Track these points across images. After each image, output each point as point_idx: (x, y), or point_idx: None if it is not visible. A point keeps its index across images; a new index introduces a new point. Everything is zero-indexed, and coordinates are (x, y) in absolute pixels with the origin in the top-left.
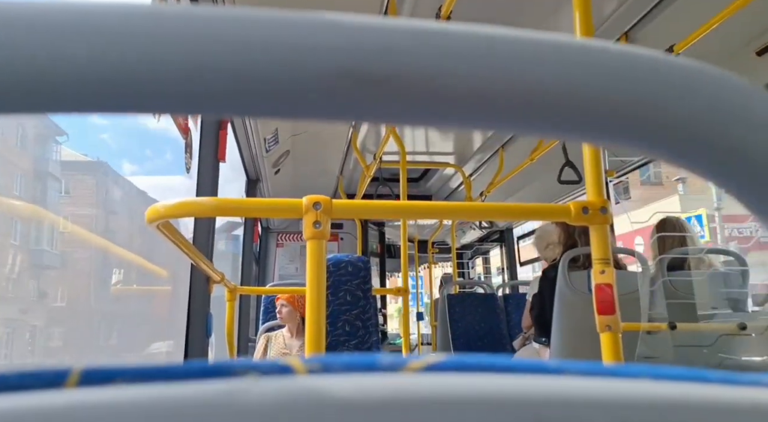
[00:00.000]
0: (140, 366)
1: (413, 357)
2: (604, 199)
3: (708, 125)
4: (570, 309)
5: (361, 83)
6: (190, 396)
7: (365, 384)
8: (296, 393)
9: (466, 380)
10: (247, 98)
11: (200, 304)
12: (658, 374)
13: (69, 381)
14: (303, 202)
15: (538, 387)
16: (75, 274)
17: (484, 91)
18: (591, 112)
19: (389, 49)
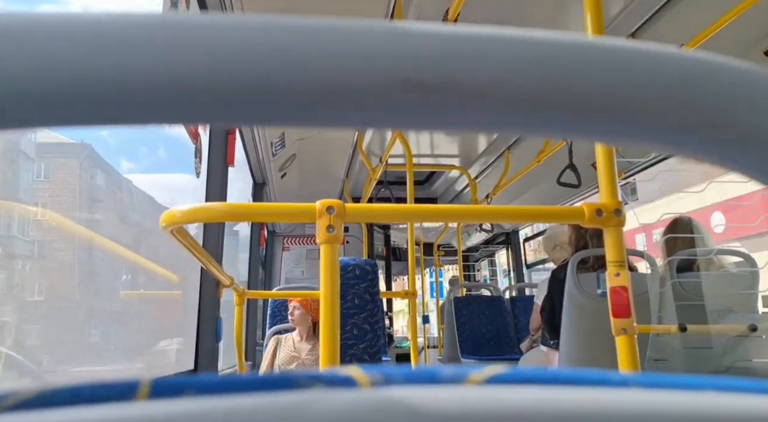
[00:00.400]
0: (207, 377)
1: (472, 368)
2: (618, 201)
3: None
4: (579, 311)
5: (417, 91)
6: (260, 407)
7: (433, 397)
8: (366, 405)
9: (530, 392)
10: (304, 108)
11: (210, 308)
12: (723, 385)
13: (140, 393)
14: (316, 206)
15: (603, 399)
16: (55, 265)
17: (540, 96)
18: (640, 113)
19: (445, 56)
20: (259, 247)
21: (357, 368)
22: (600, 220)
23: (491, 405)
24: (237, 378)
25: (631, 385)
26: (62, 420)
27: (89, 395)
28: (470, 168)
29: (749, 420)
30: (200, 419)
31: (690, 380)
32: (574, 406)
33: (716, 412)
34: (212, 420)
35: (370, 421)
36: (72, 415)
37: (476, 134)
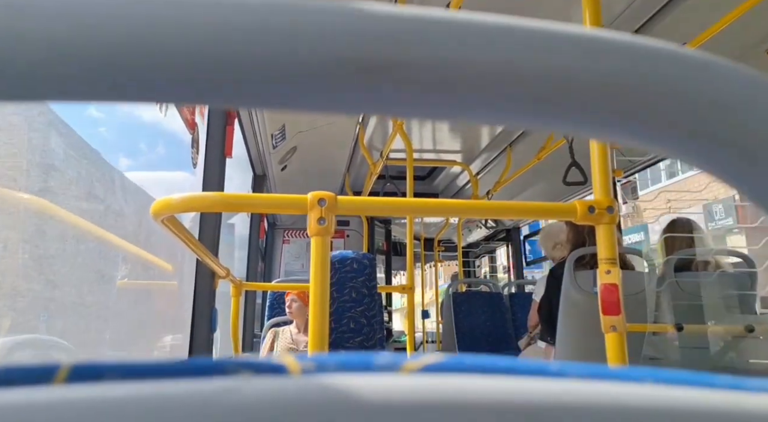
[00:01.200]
0: (131, 363)
1: (411, 356)
2: (611, 198)
3: (722, 121)
4: (575, 309)
5: (362, 71)
6: (180, 394)
7: (359, 385)
8: (288, 393)
9: (463, 382)
10: (243, 88)
11: (205, 299)
12: (663, 378)
13: (58, 377)
14: (308, 198)
15: (538, 390)
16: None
17: (492, 81)
18: (602, 103)
19: (393, 35)
20: (258, 239)
21: (290, 356)
22: (592, 217)
23: (421, 395)
24: (163, 363)
25: (567, 376)
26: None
27: (6, 378)
28: (472, 164)
29: (689, 413)
30: (113, 404)
31: (632, 372)
32: (504, 395)
33: (650, 404)
34: (125, 406)
35: (292, 408)
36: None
37: (478, 130)
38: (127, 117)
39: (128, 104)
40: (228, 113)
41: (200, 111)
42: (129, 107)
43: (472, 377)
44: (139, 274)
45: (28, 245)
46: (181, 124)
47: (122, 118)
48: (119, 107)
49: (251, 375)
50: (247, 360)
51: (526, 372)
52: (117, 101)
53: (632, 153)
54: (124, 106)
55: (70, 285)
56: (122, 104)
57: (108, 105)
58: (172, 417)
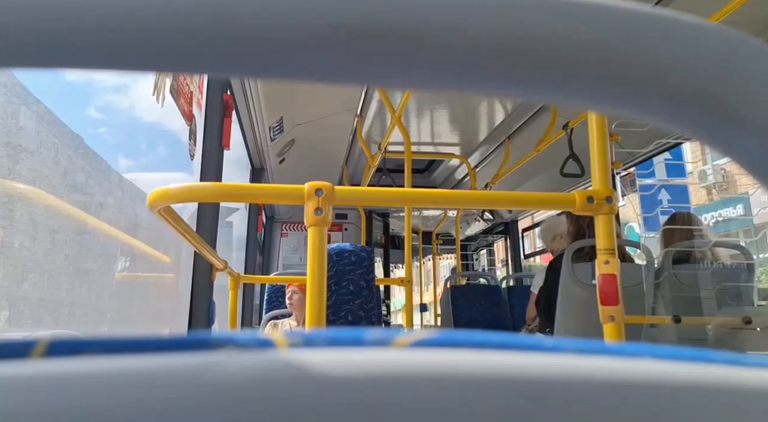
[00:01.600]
0: (112, 338)
1: (401, 332)
2: (610, 188)
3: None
4: (574, 301)
5: (354, 37)
6: (161, 368)
7: (347, 358)
8: (273, 366)
9: (456, 356)
10: (229, 54)
11: (203, 292)
12: (660, 353)
13: (35, 352)
14: (305, 188)
15: (533, 365)
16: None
17: (488, 48)
18: (594, 70)
19: (378, 2)
20: (257, 232)
21: (278, 332)
22: (591, 207)
23: (414, 368)
24: (145, 338)
25: (564, 351)
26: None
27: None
28: (470, 157)
29: (681, 387)
30: (93, 378)
31: (628, 348)
32: (497, 370)
33: (647, 378)
34: (103, 380)
35: (277, 382)
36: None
37: (476, 120)
38: (126, 117)
39: (116, 73)
40: (225, 104)
41: (198, 102)
42: (128, 107)
43: (464, 352)
44: (127, 267)
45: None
46: (179, 124)
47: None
48: (119, 108)
49: (237, 350)
50: (234, 335)
51: (521, 346)
52: (103, 69)
53: (631, 145)
54: (123, 104)
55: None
56: (108, 72)
57: (92, 73)
58: (153, 391)
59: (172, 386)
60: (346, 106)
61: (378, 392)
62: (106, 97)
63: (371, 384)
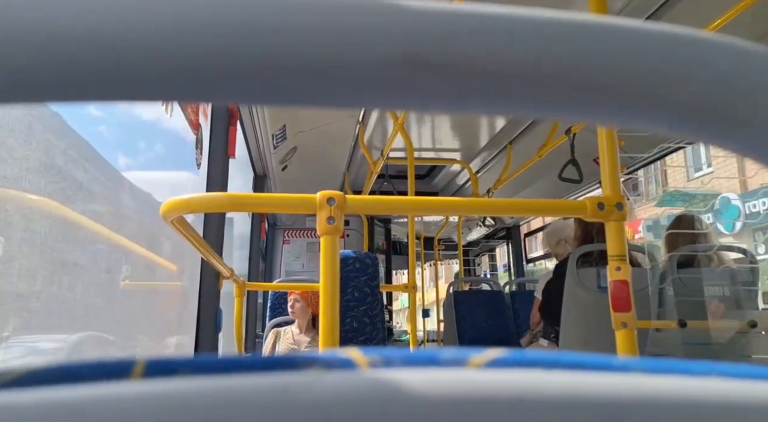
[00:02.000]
0: (203, 358)
1: (472, 350)
2: (620, 195)
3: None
4: (579, 306)
5: (417, 69)
6: (256, 388)
7: (431, 379)
8: (364, 387)
9: (532, 376)
10: (303, 86)
11: (210, 299)
12: (726, 371)
13: (134, 373)
14: (317, 197)
15: (607, 384)
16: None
17: (549, 77)
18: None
19: (446, 32)
20: (260, 239)
21: (355, 350)
22: (602, 214)
23: (493, 389)
24: (233, 358)
25: (634, 370)
26: (53, 397)
27: (81, 373)
28: (471, 162)
29: (756, 405)
30: (196, 398)
31: (692, 365)
32: (576, 390)
33: (722, 397)
34: (208, 399)
35: (369, 402)
36: (63, 393)
37: (478, 126)
38: (126, 116)
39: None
40: (231, 113)
41: (204, 112)
42: (127, 106)
43: (538, 371)
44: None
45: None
46: (179, 123)
47: (121, 116)
48: (117, 106)
49: (322, 370)
50: (313, 355)
51: (592, 366)
52: (152, 100)
53: (634, 150)
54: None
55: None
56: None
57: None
58: (253, 411)
59: (268, 406)
60: (348, 113)
61: (461, 412)
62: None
63: (455, 405)
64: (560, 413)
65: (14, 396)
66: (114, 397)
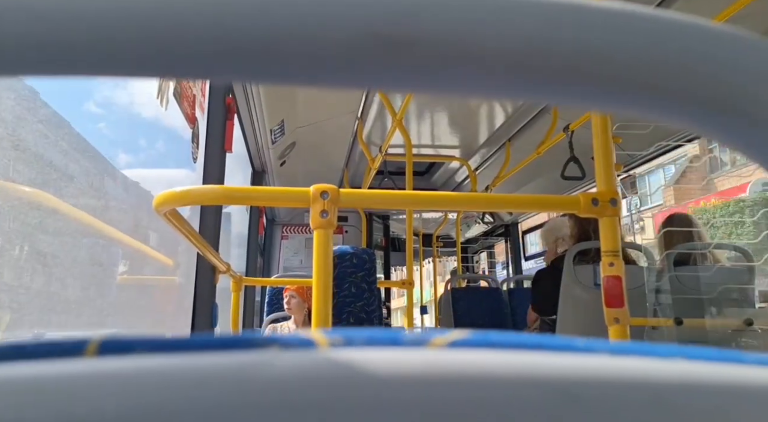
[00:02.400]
0: (160, 337)
1: (436, 332)
2: (614, 190)
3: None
4: (575, 303)
5: (385, 47)
6: (212, 366)
7: (391, 358)
8: (319, 365)
9: (493, 356)
10: (263, 61)
11: (206, 294)
12: (691, 354)
13: (88, 350)
14: (310, 191)
15: (568, 365)
16: None
17: (515, 56)
18: (617, 76)
19: (416, 10)
20: (258, 235)
21: (318, 331)
22: (596, 209)
23: (451, 368)
24: (191, 338)
25: (597, 351)
26: (1, 373)
27: (33, 351)
28: (470, 159)
29: (718, 386)
30: (149, 376)
31: (659, 348)
32: (535, 370)
33: (684, 378)
34: (157, 378)
35: (326, 381)
36: (13, 370)
37: (477, 123)
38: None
39: (146, 79)
40: (228, 107)
41: (200, 105)
42: (127, 102)
43: (500, 352)
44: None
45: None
46: (176, 119)
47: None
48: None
49: (281, 350)
50: (275, 336)
51: (554, 347)
52: (144, 76)
53: (632, 147)
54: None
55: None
56: (147, 79)
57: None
58: (208, 389)
59: (223, 384)
60: (347, 109)
61: (419, 391)
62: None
63: (412, 384)
64: (518, 391)
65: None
66: (65, 374)
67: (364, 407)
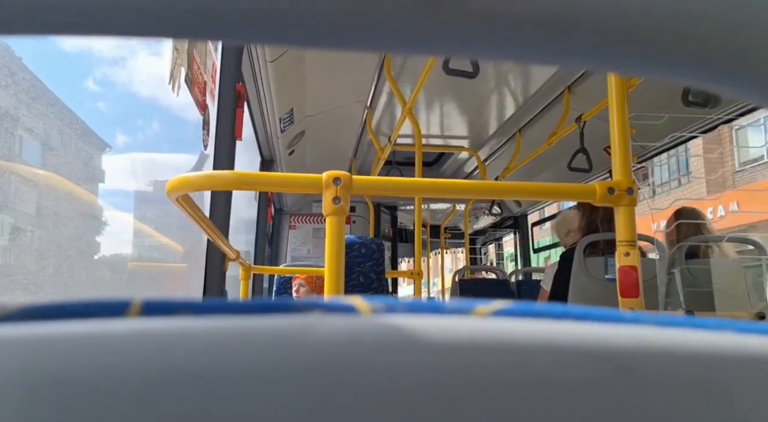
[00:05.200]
0: (202, 300)
1: (479, 302)
2: (631, 179)
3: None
4: (585, 295)
5: (436, 9)
6: (255, 328)
7: (436, 325)
8: (362, 331)
9: (541, 325)
10: (310, 24)
11: (216, 281)
12: (740, 327)
13: (131, 311)
14: (323, 177)
15: (618, 334)
16: None
17: (564, 18)
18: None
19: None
20: (266, 224)
21: (358, 297)
22: (612, 198)
23: (499, 336)
24: (234, 302)
25: (645, 323)
26: (46, 332)
27: (76, 311)
28: (480, 150)
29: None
30: (194, 336)
31: (706, 321)
32: (583, 339)
33: (731, 349)
34: (206, 338)
35: (371, 345)
36: (56, 328)
37: (487, 113)
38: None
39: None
40: (238, 95)
41: (211, 92)
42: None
43: (546, 321)
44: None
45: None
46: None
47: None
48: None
49: (323, 314)
50: (317, 301)
51: (602, 318)
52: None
53: (645, 139)
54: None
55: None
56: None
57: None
58: (251, 351)
59: (268, 345)
60: (356, 98)
61: (467, 358)
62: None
63: (459, 350)
64: (569, 361)
65: (5, 329)
66: (109, 333)
67: (410, 372)
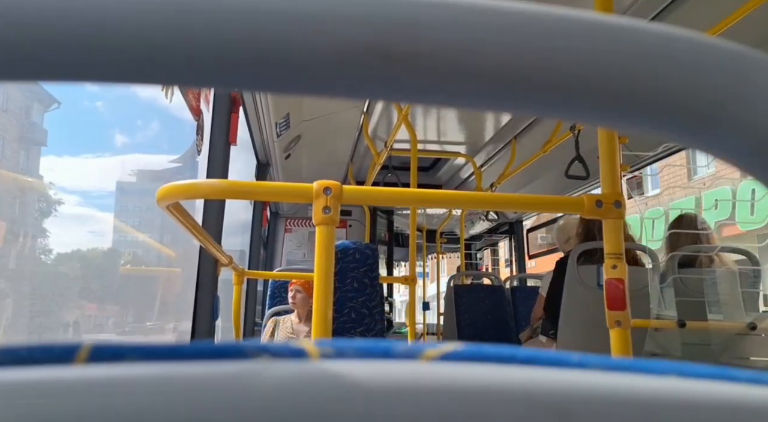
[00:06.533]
0: (151, 345)
1: (428, 344)
2: (619, 192)
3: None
4: (578, 303)
5: (385, 60)
6: (201, 376)
7: (381, 370)
8: (310, 377)
9: (484, 370)
10: (264, 72)
11: (208, 287)
12: (685, 371)
13: (78, 357)
14: (313, 187)
15: (561, 380)
16: None
17: (514, 70)
18: (622, 94)
19: (415, 24)
20: (261, 228)
21: (309, 341)
22: (600, 211)
23: (443, 382)
24: (183, 346)
25: (590, 367)
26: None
27: (23, 356)
28: (476, 156)
29: (708, 405)
30: (138, 384)
31: (652, 365)
32: (525, 385)
33: (674, 396)
34: (147, 387)
35: (314, 394)
36: (4, 375)
37: (483, 122)
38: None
39: (148, 87)
40: (233, 100)
41: (205, 98)
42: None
43: (492, 366)
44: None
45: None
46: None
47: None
48: None
49: (271, 359)
50: (266, 345)
51: (548, 362)
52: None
53: (638, 148)
54: None
55: None
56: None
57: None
58: (195, 398)
59: (211, 394)
60: (352, 103)
61: (410, 405)
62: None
63: (402, 397)
64: (509, 407)
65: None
66: (54, 380)
67: (349, 419)
